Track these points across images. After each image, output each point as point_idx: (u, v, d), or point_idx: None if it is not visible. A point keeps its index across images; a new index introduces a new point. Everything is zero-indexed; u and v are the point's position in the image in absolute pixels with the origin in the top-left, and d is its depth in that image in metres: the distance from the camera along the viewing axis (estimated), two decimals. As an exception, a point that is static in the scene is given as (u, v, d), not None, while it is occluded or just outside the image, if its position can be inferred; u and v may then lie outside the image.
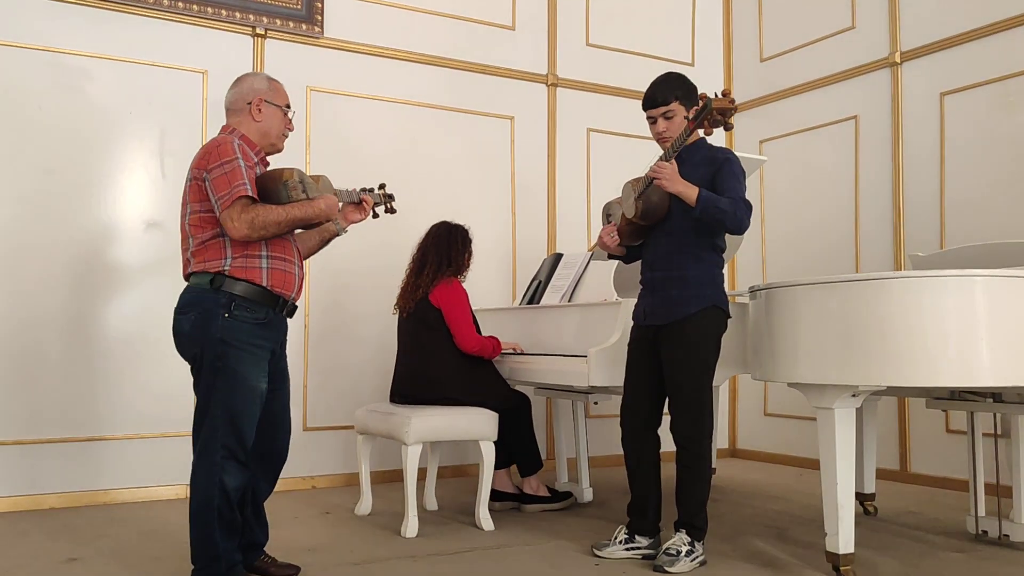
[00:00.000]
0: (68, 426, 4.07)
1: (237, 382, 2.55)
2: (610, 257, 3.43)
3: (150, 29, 4.33)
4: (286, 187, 2.58)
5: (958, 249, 3.60)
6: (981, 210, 4.44)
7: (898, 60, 4.87)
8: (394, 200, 3.06)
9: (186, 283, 2.65)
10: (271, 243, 2.62)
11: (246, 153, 2.61)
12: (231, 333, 2.54)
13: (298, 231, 2.78)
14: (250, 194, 2.51)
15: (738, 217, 2.91)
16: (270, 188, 2.59)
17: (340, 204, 2.80)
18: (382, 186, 3.03)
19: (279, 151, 2.83)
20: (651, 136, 3.14)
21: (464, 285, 3.87)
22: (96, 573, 2.93)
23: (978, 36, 4.50)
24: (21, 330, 4.01)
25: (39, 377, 4.03)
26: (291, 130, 2.83)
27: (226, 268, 2.55)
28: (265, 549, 2.87)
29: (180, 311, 2.61)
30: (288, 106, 2.80)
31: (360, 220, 2.90)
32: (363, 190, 2.95)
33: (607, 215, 3.32)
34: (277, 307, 2.65)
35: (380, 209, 3.03)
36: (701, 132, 3.04)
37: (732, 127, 2.93)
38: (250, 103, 2.71)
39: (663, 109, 3.05)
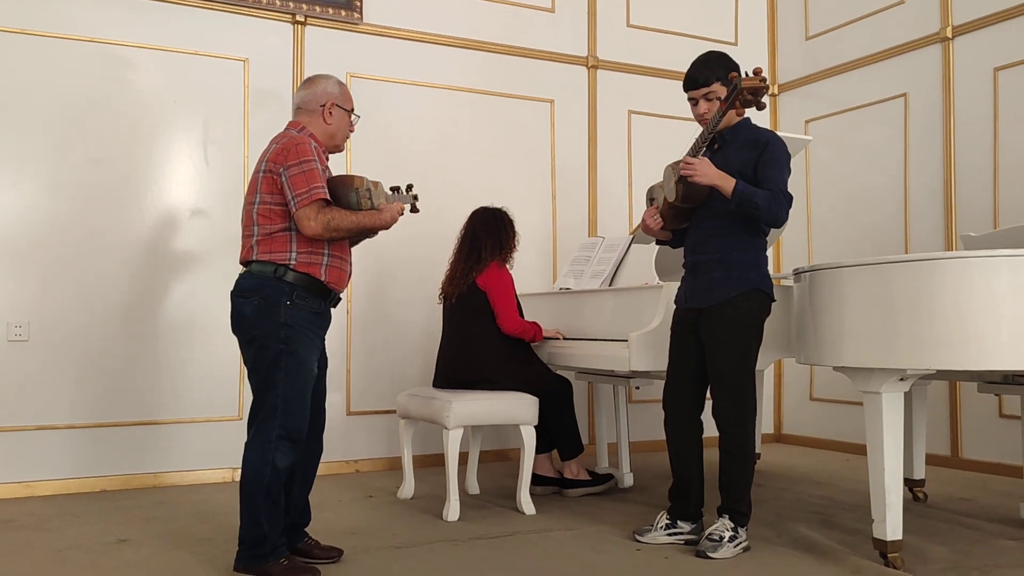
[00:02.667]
0: (119, 410, 4.16)
1: (299, 365, 2.69)
2: (658, 242, 3.39)
3: (192, 18, 4.38)
4: (357, 194, 2.74)
5: (1012, 229, 3.49)
6: (1037, 189, 4.30)
7: (949, 35, 4.73)
8: (418, 200, 3.10)
9: (243, 268, 2.76)
10: (332, 242, 2.76)
11: (321, 157, 2.78)
12: (294, 319, 2.69)
13: None
14: (327, 197, 2.67)
15: (773, 212, 2.84)
16: (340, 193, 2.74)
17: None
18: (410, 187, 3.08)
19: (340, 151, 2.99)
20: (693, 117, 3.09)
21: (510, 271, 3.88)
22: (145, 554, 2.99)
23: (1034, 8, 4.36)
24: (75, 318, 4.09)
25: (93, 363, 4.12)
26: (352, 132, 2.98)
27: (291, 262, 2.69)
28: (308, 532, 2.92)
29: (240, 295, 2.73)
30: (353, 110, 2.94)
31: None
32: (392, 189, 2.99)
33: (650, 198, 3.28)
34: (328, 299, 2.80)
35: (406, 208, 3.08)
36: (746, 111, 2.97)
37: (764, 107, 2.86)
38: (323, 105, 2.85)
39: (704, 90, 3.00)
